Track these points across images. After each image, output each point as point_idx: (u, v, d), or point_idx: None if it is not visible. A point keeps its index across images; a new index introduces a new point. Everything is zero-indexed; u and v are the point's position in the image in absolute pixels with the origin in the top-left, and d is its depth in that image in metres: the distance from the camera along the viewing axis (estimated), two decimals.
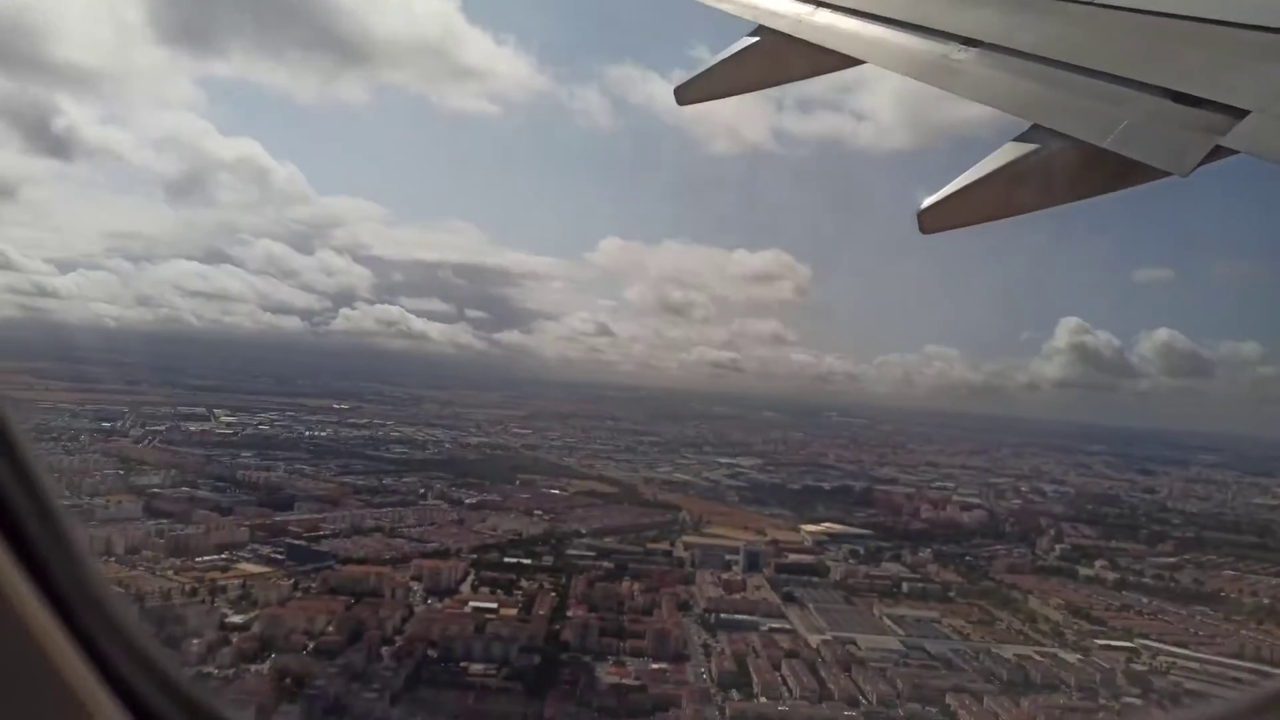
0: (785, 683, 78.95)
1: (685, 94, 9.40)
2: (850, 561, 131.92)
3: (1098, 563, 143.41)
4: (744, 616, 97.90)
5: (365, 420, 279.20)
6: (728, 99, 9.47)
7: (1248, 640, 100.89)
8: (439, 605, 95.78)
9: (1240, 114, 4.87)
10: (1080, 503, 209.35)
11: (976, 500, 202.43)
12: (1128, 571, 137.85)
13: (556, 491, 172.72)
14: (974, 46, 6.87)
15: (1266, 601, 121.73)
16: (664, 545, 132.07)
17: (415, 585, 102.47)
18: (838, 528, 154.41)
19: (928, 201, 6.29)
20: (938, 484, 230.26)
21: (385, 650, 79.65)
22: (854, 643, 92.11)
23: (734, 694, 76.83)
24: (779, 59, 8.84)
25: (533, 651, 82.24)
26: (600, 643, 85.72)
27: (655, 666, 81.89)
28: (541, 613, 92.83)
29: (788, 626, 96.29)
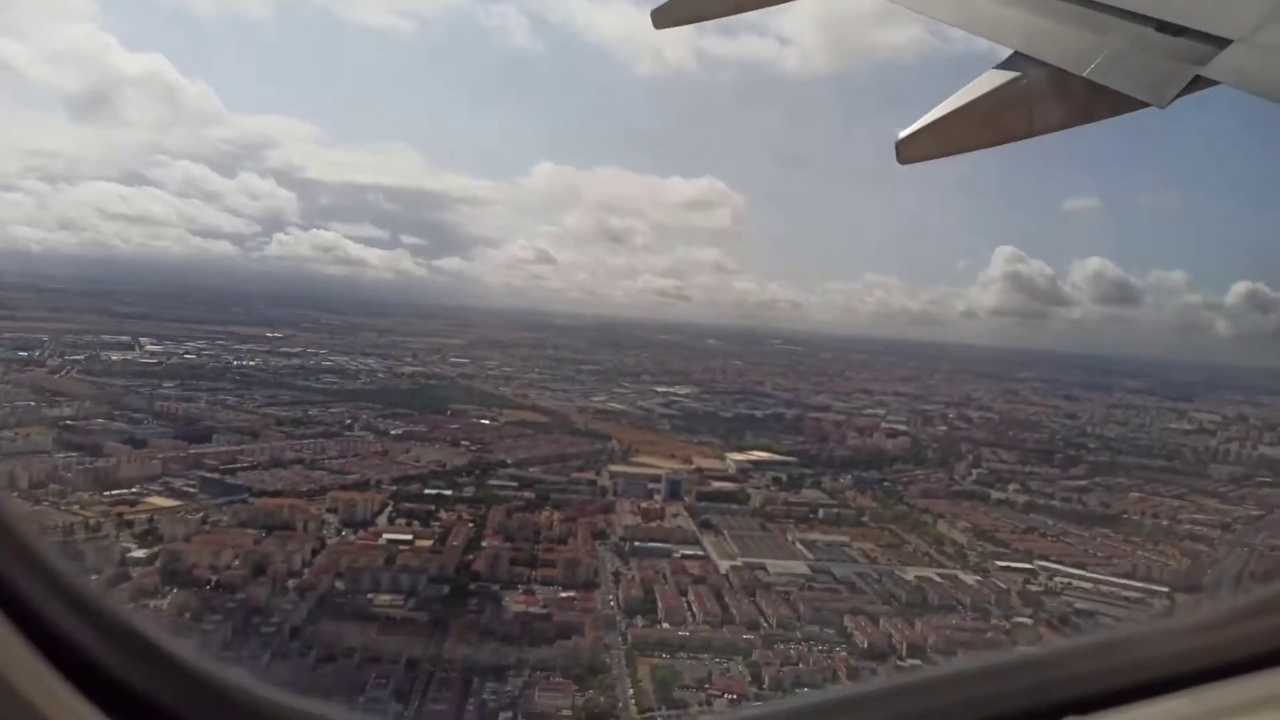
0: (690, 608, 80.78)
1: (662, 17, 8.91)
2: (772, 488, 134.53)
3: (1011, 486, 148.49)
4: (658, 544, 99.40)
5: (298, 349, 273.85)
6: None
7: (1140, 561, 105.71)
8: (352, 538, 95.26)
9: (1223, 43, 4.67)
10: (1003, 429, 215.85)
11: (903, 427, 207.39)
12: (1038, 495, 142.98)
13: (487, 421, 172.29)
14: None
15: (1164, 523, 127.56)
16: (589, 475, 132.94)
17: (330, 518, 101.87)
18: (764, 455, 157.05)
19: (906, 131, 6.02)
20: (868, 411, 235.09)
21: (291, 583, 79.15)
22: (763, 568, 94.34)
23: (639, 619, 78.38)
24: None
25: (442, 582, 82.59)
26: (511, 572, 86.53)
27: (564, 595, 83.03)
28: (455, 544, 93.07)
29: (701, 553, 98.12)
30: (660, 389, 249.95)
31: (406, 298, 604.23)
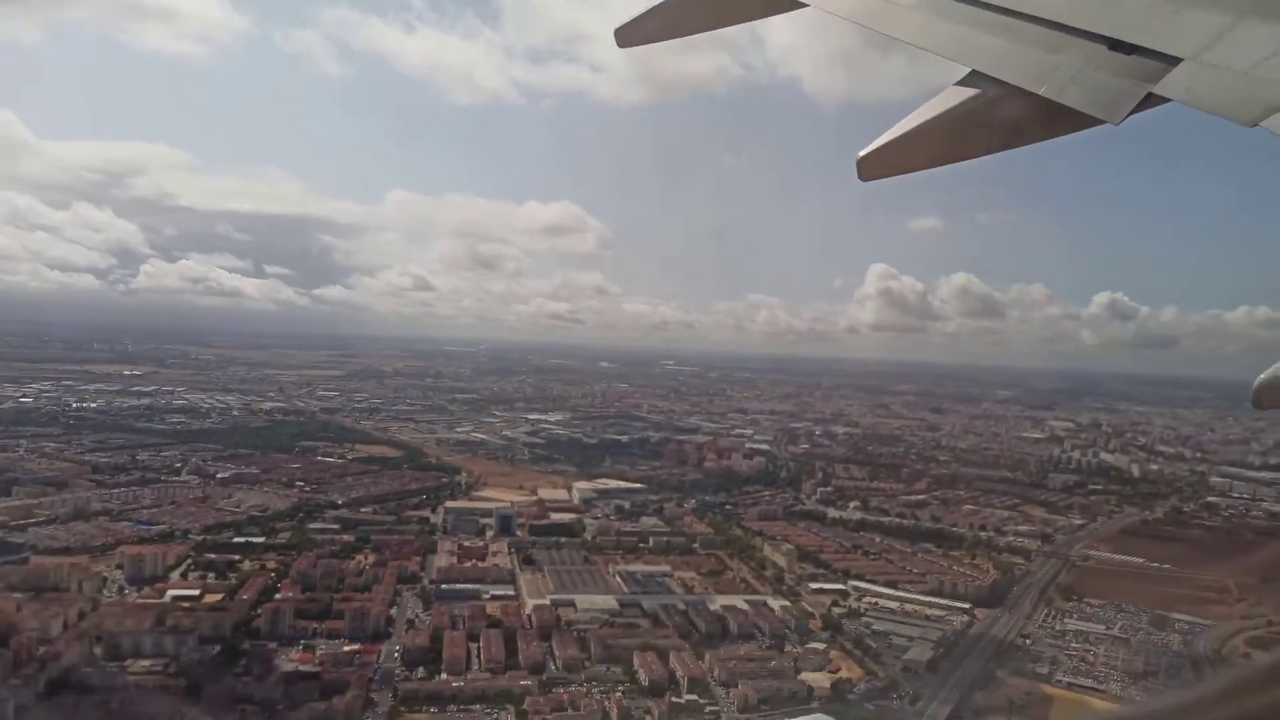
0: (476, 655, 78.29)
1: (627, 35, 8.74)
2: (612, 517, 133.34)
3: (852, 504, 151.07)
4: (469, 586, 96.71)
5: (153, 388, 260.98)
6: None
7: (951, 578, 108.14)
8: (134, 596, 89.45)
9: (1174, 61, 4.81)
10: (863, 444, 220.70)
11: (766, 446, 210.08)
12: (875, 512, 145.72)
13: (334, 459, 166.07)
14: None
15: (988, 536, 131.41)
16: (424, 512, 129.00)
17: (117, 575, 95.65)
18: (612, 483, 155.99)
19: (866, 149, 6.08)
20: (736, 431, 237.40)
21: (41, 652, 73.30)
22: (572, 604, 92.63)
23: (419, 671, 75.49)
24: (721, 0, 8.53)
25: (213, 642, 77.99)
26: (295, 626, 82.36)
27: (348, 649, 79.45)
28: (246, 598, 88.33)
29: (511, 593, 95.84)
30: (532, 416, 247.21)
31: (289, 328, 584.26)
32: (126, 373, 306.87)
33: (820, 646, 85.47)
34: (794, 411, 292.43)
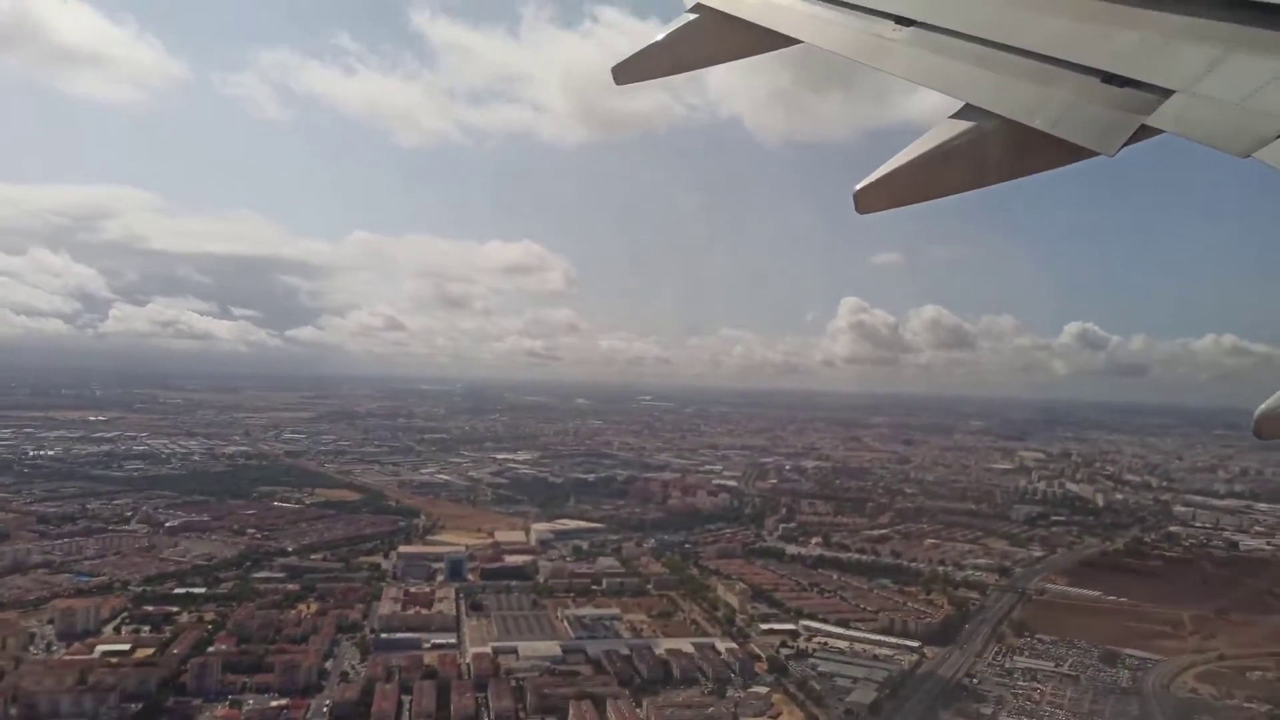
0: (407, 708, 76.30)
1: (623, 73, 8.91)
2: (567, 559, 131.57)
3: (813, 540, 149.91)
4: (411, 635, 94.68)
5: (115, 433, 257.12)
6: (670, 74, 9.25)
7: (901, 615, 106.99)
8: (61, 652, 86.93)
9: (1166, 94, 4.89)
10: (831, 478, 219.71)
11: (734, 483, 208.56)
12: (836, 547, 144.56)
13: (291, 505, 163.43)
14: (908, 25, 6.85)
15: (946, 570, 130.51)
16: (376, 558, 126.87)
17: (49, 629, 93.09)
18: (572, 524, 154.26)
19: (862, 183, 6.15)
20: (706, 468, 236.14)
21: None
22: (514, 652, 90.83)
23: None
24: (717, 38, 8.67)
25: (135, 699, 75.68)
26: (223, 682, 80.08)
27: (276, 704, 77.32)
28: (177, 651, 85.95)
29: (452, 641, 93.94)
30: (500, 456, 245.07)
31: (262, 370, 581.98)
32: (91, 418, 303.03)
33: (763, 690, 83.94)
34: (766, 446, 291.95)
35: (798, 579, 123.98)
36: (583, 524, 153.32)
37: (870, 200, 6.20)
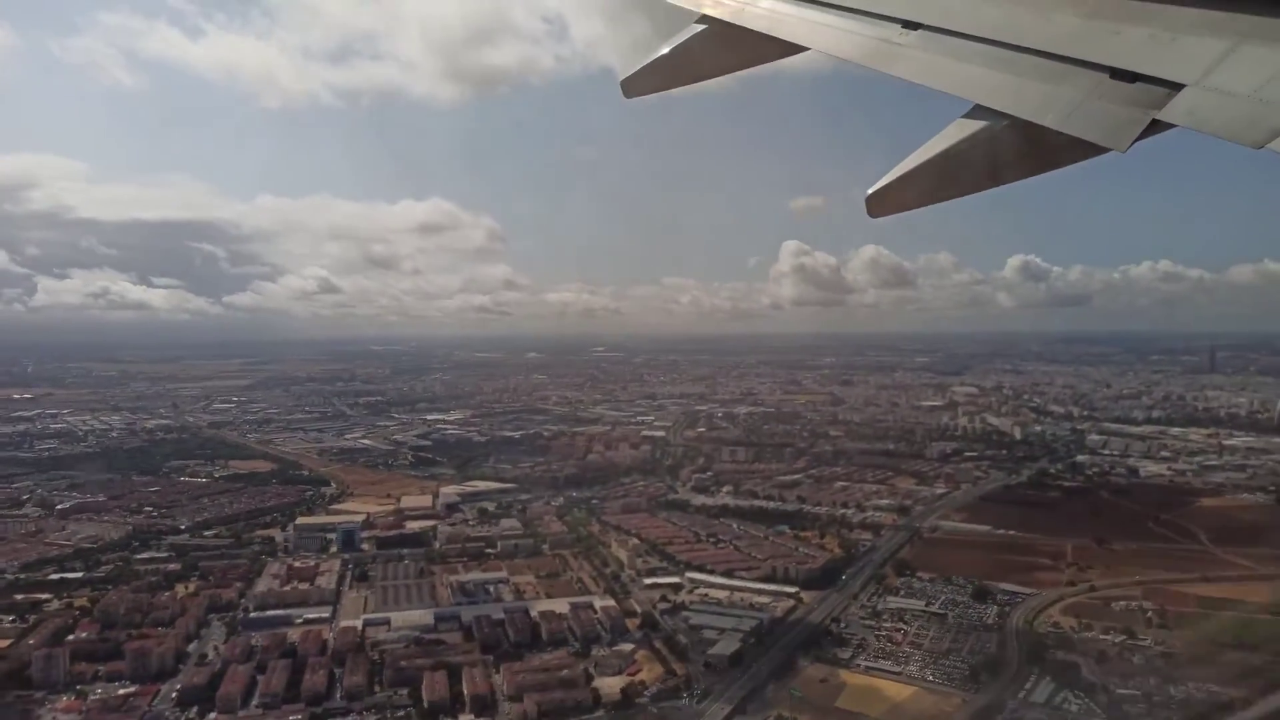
0: (257, 688, 75.32)
1: (632, 86, 9.05)
2: (470, 522, 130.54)
3: (724, 489, 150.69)
4: (285, 611, 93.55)
5: (35, 412, 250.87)
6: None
7: (787, 561, 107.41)
8: None
9: (1176, 88, 4.90)
10: (760, 424, 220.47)
11: (662, 433, 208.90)
12: (745, 495, 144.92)
13: (199, 479, 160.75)
14: (915, 29, 6.89)
15: (847, 513, 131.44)
16: (272, 531, 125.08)
17: None
18: (483, 485, 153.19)
19: (874, 187, 6.23)
20: (640, 418, 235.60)
21: None
22: (386, 623, 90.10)
23: (193, 711, 72.28)
24: (724, 47, 8.67)
25: None
26: (74, 671, 78.43)
27: (124, 691, 75.98)
28: (34, 641, 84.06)
29: (325, 616, 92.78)
30: (431, 417, 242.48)
31: (207, 338, 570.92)
32: (16, 396, 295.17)
33: (628, 648, 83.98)
34: (704, 394, 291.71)
35: (697, 530, 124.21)
36: (494, 485, 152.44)
37: (883, 204, 6.28)
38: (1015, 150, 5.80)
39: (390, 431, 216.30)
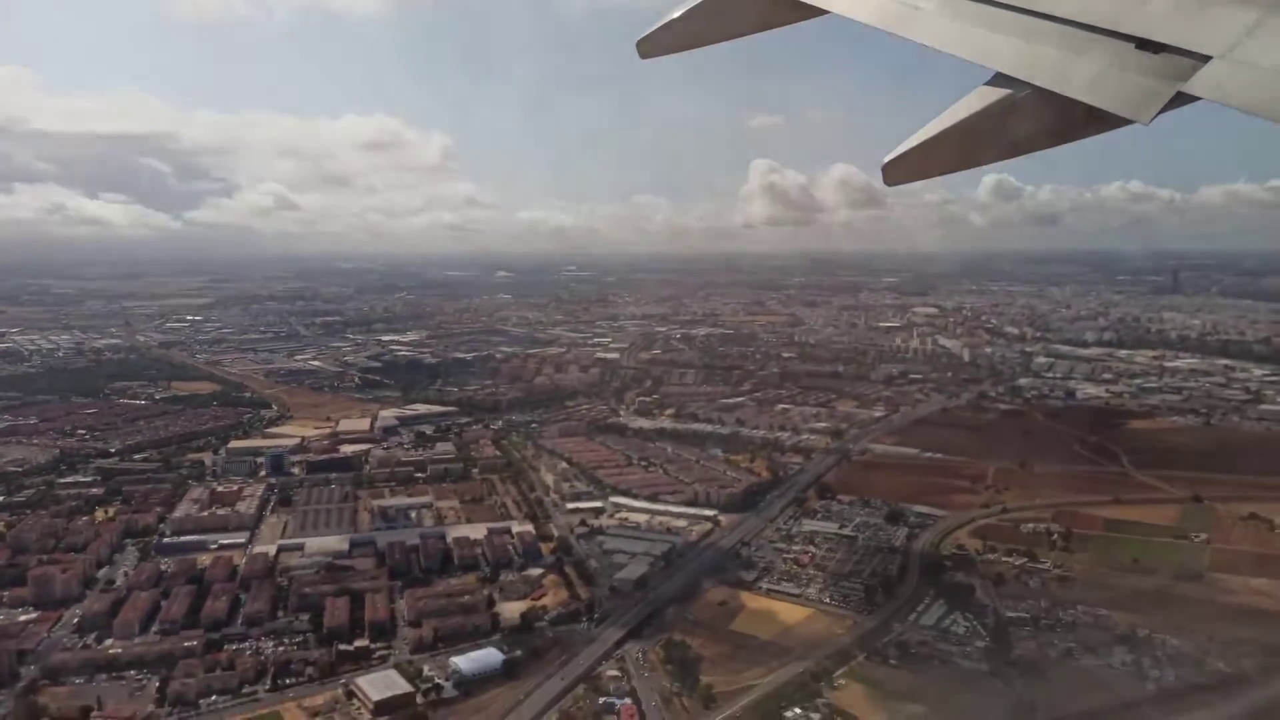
0: (155, 615, 75.57)
1: (648, 47, 9.08)
2: (406, 446, 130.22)
3: (667, 412, 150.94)
4: (199, 537, 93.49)
5: None
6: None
7: (712, 485, 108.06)
8: None
9: (1203, 59, 4.85)
10: (715, 346, 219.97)
11: (616, 355, 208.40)
12: (686, 418, 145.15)
13: (140, 401, 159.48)
14: None
15: (778, 435, 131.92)
16: (203, 455, 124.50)
17: None
18: (423, 408, 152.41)
19: (891, 155, 6.16)
20: (597, 340, 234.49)
21: None
22: (300, 549, 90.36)
23: (89, 638, 72.50)
24: (741, 8, 8.72)
25: None
26: None
27: (25, 618, 76.06)
28: None
29: (241, 541, 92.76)
30: (386, 338, 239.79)
31: (173, 255, 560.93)
32: None
33: (536, 573, 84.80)
34: (666, 314, 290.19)
35: (630, 454, 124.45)
36: (435, 408, 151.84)
37: (900, 173, 6.17)
38: (1037, 120, 5.72)
39: (343, 353, 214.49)
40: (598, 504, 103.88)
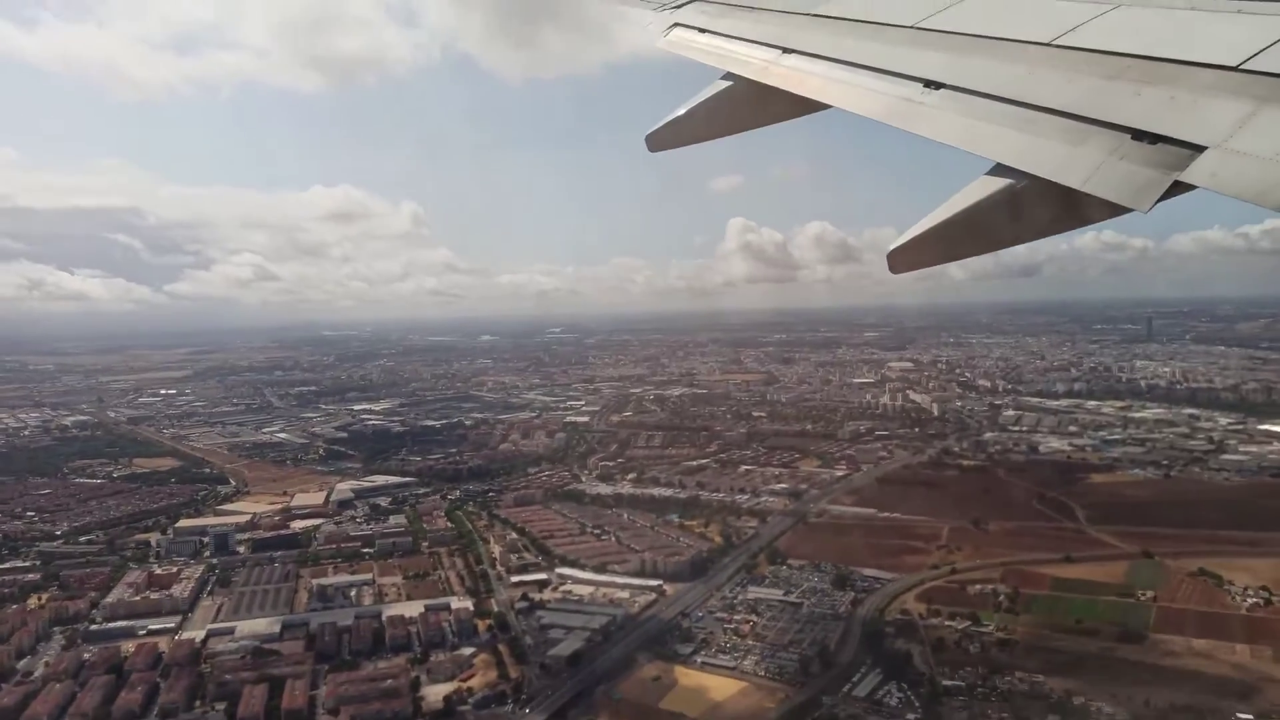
0: (68, 707, 73.21)
1: (657, 140, 9.37)
2: (359, 520, 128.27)
3: (629, 477, 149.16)
4: (130, 623, 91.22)
5: None
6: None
7: (661, 554, 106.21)
8: None
9: (1198, 150, 4.96)
10: (686, 407, 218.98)
11: (587, 419, 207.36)
12: (647, 483, 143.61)
13: (96, 480, 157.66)
14: (938, 88, 7.00)
15: (737, 499, 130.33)
16: (151, 535, 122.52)
17: None
18: (381, 480, 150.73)
19: (896, 243, 6.29)
20: (570, 403, 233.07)
21: None
22: (230, 632, 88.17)
23: None
24: (749, 104, 8.93)
25: None
26: None
27: None
28: None
29: (171, 626, 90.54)
30: (358, 407, 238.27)
31: (156, 328, 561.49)
32: None
33: (469, 652, 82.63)
34: (643, 375, 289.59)
35: (584, 522, 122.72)
36: (393, 479, 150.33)
37: (904, 260, 6.30)
38: (1037, 209, 5.83)
39: (312, 424, 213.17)
40: (543, 576, 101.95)
